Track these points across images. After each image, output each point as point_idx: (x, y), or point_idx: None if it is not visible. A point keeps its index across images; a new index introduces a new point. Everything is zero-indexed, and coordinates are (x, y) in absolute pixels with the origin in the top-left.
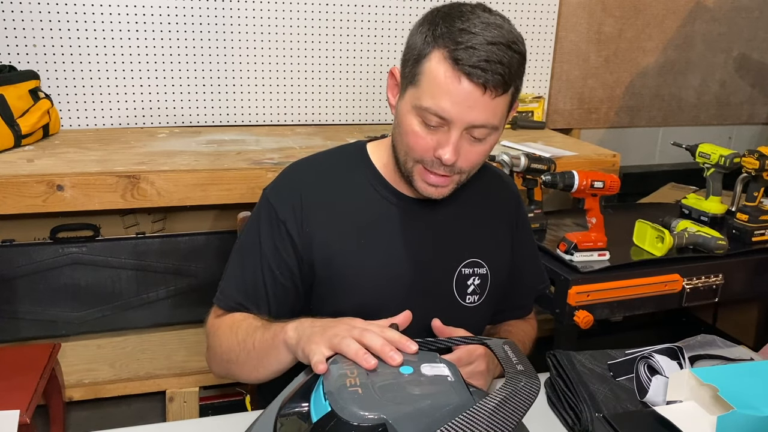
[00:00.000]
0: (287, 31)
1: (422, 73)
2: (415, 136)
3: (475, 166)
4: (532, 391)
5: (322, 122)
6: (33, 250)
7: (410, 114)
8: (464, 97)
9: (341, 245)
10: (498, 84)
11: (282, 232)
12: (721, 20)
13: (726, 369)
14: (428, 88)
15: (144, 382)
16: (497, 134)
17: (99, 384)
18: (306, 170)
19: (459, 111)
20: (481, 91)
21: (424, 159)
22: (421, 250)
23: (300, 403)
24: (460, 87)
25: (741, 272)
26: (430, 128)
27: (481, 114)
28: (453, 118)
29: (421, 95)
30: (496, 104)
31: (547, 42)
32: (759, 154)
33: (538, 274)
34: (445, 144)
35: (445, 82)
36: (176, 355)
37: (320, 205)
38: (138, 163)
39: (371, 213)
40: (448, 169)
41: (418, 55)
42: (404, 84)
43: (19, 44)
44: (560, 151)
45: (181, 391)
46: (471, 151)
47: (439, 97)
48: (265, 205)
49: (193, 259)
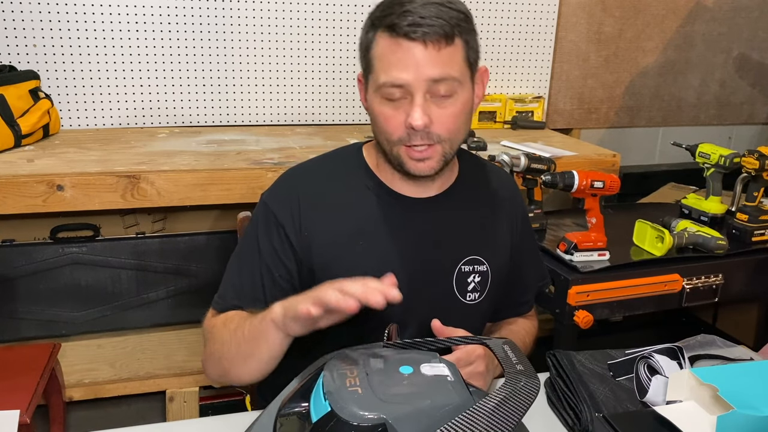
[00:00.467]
0: (287, 31)
1: (372, 57)
2: (385, 118)
3: (454, 133)
4: (531, 391)
5: (322, 122)
6: (33, 250)
7: (375, 99)
8: (410, 58)
9: (339, 248)
10: (439, 36)
11: (281, 235)
12: (721, 20)
13: (726, 369)
14: (380, 66)
15: (144, 382)
16: (465, 93)
17: (99, 384)
18: (303, 175)
19: (410, 73)
20: (423, 46)
21: (401, 137)
22: (420, 248)
23: (300, 403)
24: (402, 50)
25: (741, 272)
26: (396, 103)
27: (433, 69)
28: (408, 83)
29: (377, 76)
30: (447, 56)
31: (547, 42)
32: (759, 154)
33: (539, 271)
34: (412, 111)
35: (390, 52)
36: (176, 355)
37: (318, 208)
38: (138, 163)
39: (369, 215)
40: (425, 137)
41: (366, 45)
42: (365, 79)
43: (19, 44)
44: (560, 151)
45: (181, 391)
46: (442, 113)
47: (389, 68)
48: (263, 210)
49: (193, 259)
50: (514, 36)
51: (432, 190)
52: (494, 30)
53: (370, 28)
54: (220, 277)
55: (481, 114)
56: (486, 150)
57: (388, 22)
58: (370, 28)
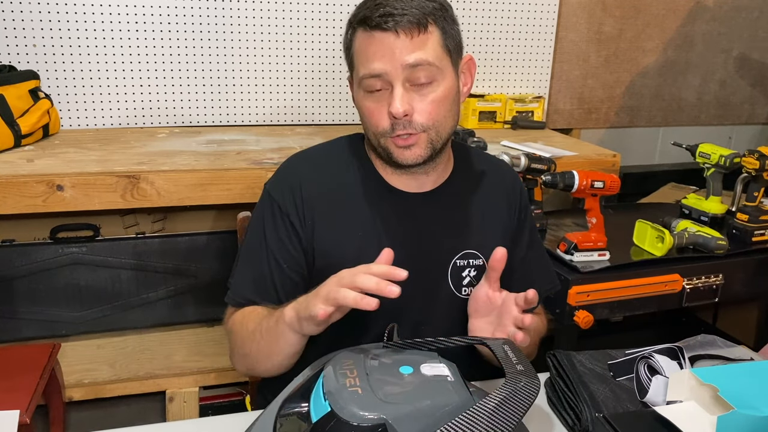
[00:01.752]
0: (287, 31)
1: (353, 54)
2: (369, 111)
3: (439, 121)
4: (532, 391)
5: (322, 122)
6: (33, 250)
7: (359, 94)
8: (384, 48)
9: (339, 237)
10: (410, 24)
11: (286, 224)
12: (721, 20)
13: (726, 369)
14: (358, 61)
15: (144, 382)
16: (447, 81)
17: (99, 384)
18: (305, 163)
19: (386, 62)
20: (395, 35)
21: (386, 129)
22: (414, 243)
23: (300, 403)
24: (376, 41)
25: (741, 272)
26: (377, 95)
27: (408, 54)
28: (384, 71)
29: (358, 71)
30: (420, 42)
31: (547, 42)
32: (759, 154)
33: (547, 277)
34: (392, 100)
35: (365, 46)
36: (176, 355)
37: (320, 197)
38: (138, 163)
39: (366, 207)
40: (409, 126)
41: (347, 44)
42: (351, 77)
43: (19, 44)
44: (560, 151)
45: (181, 391)
46: (423, 101)
47: (366, 61)
48: (267, 199)
49: (193, 259)
50: (514, 36)
51: (427, 185)
52: (494, 30)
53: (348, 28)
54: (221, 277)
55: (481, 114)
56: (486, 150)
57: (362, 16)
58: (349, 27)
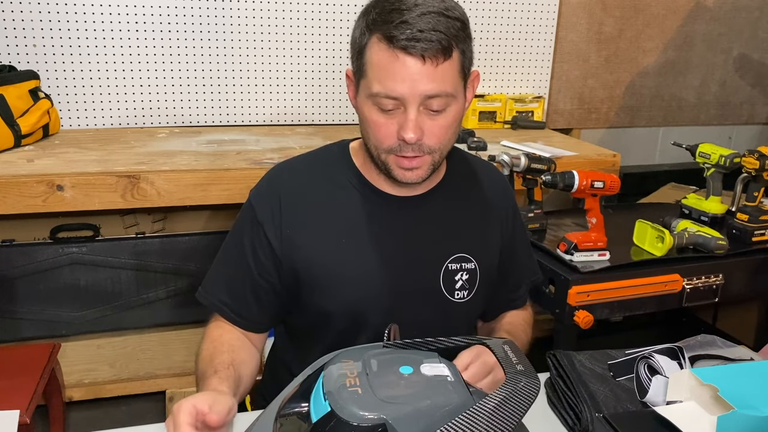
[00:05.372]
0: (287, 31)
1: (366, 62)
2: (376, 126)
3: (445, 143)
4: (531, 391)
5: (322, 122)
6: (33, 250)
7: (367, 105)
8: (407, 72)
9: (322, 246)
10: (437, 51)
11: (260, 234)
12: (721, 20)
13: (726, 369)
14: (374, 75)
15: (144, 382)
16: (458, 105)
17: (99, 384)
18: (287, 172)
19: (406, 87)
20: (422, 62)
21: (392, 146)
22: (405, 248)
23: (300, 403)
24: (400, 64)
25: (741, 272)
26: (388, 113)
27: (429, 84)
28: (403, 96)
29: (370, 83)
30: (443, 71)
31: (547, 42)
32: (759, 154)
33: (531, 266)
34: (405, 124)
35: (386, 64)
36: (176, 355)
37: (300, 206)
38: (138, 163)
39: (353, 213)
40: (416, 149)
41: (360, 47)
42: (356, 79)
43: (19, 44)
44: (560, 151)
45: (181, 391)
46: (434, 125)
47: (384, 79)
48: (247, 206)
49: (193, 259)
50: (514, 36)
51: (418, 189)
52: (494, 30)
53: (365, 30)
54: None
55: (481, 114)
56: (486, 150)
57: (386, 33)
58: (365, 29)
